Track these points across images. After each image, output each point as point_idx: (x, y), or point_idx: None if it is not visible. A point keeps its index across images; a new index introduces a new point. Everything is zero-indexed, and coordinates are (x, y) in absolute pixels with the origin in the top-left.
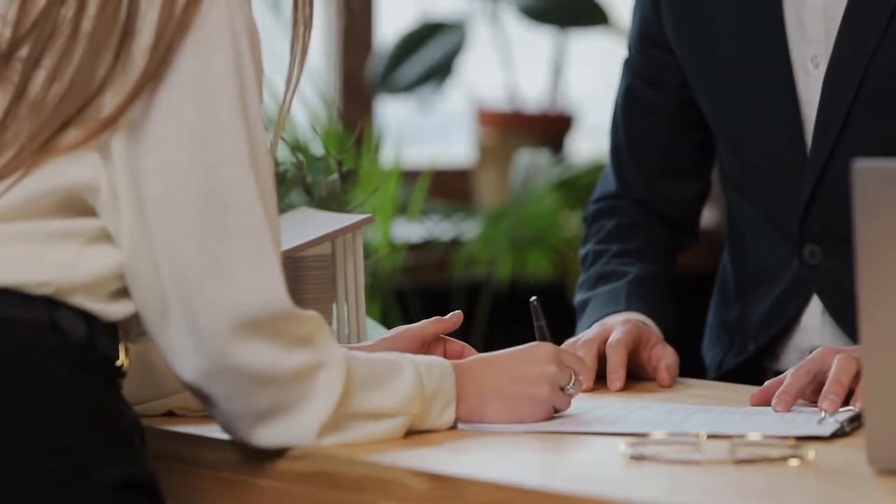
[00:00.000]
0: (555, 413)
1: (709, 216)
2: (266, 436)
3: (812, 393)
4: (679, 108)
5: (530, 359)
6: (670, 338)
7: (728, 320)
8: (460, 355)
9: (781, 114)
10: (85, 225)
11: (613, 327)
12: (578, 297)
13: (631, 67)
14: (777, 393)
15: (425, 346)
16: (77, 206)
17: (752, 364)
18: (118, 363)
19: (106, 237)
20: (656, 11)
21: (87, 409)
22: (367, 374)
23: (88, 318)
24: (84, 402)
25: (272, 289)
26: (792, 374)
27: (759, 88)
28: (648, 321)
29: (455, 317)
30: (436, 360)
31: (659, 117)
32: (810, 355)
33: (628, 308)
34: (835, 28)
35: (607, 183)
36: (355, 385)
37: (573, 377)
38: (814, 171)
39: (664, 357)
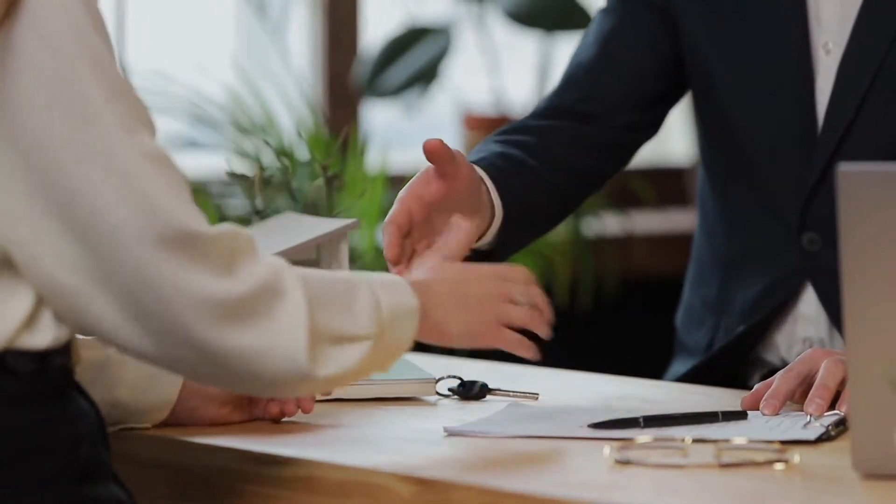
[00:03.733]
0: (508, 332)
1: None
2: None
3: (801, 396)
4: (649, 58)
5: (478, 271)
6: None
7: (708, 299)
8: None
9: (793, 98)
10: None
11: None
12: None
13: (610, 6)
14: (765, 397)
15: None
16: None
17: (743, 350)
18: (71, 363)
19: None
20: None
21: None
22: (324, 294)
23: (37, 353)
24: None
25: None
26: (781, 376)
27: (774, 70)
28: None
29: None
30: (390, 277)
31: (627, 52)
32: (799, 357)
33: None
34: (850, 16)
35: (540, 102)
36: (317, 303)
37: (524, 292)
38: (822, 159)
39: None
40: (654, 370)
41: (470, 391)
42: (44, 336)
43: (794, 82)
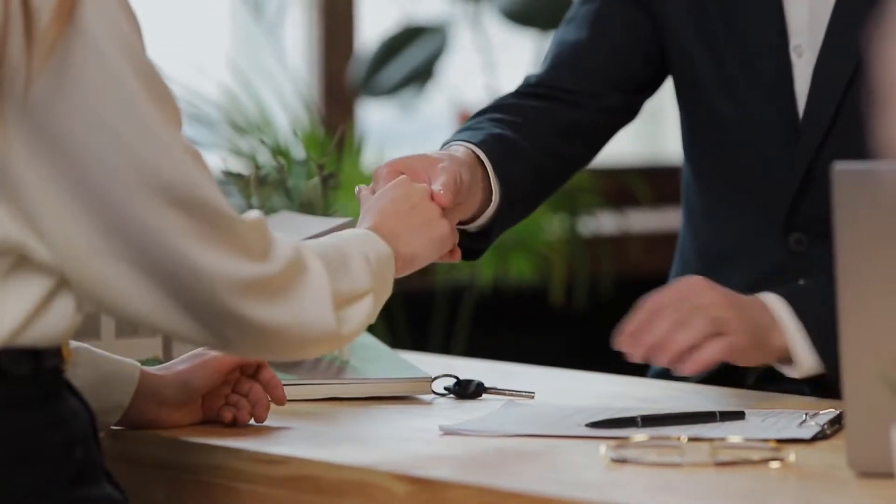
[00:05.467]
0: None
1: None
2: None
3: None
4: (636, 45)
5: (406, 190)
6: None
7: None
8: (269, 381)
9: (774, 100)
10: None
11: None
12: None
13: (597, 22)
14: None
15: (223, 376)
16: None
17: None
18: (62, 364)
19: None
20: None
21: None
22: (330, 261)
23: (32, 353)
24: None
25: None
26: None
27: (754, 73)
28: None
29: None
30: (361, 232)
31: (613, 37)
32: (677, 286)
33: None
34: (821, 19)
35: (524, 80)
36: (331, 271)
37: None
38: (804, 161)
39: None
40: (649, 369)
41: (466, 390)
42: (47, 329)
43: (773, 85)
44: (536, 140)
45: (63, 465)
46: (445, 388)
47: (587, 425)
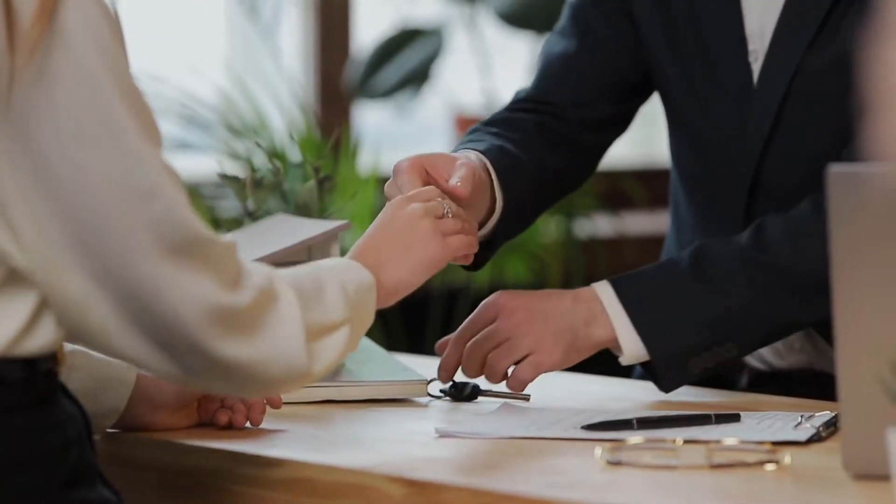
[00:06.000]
0: (455, 234)
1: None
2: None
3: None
4: (624, 50)
5: (396, 212)
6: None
7: None
8: None
9: (736, 106)
10: None
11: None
12: None
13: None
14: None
15: None
16: None
17: None
18: (56, 366)
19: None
20: None
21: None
22: (303, 291)
23: (27, 360)
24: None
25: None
26: (455, 340)
27: (719, 79)
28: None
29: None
30: (342, 260)
31: (604, 41)
32: (481, 308)
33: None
34: (769, 25)
35: (516, 94)
36: (303, 301)
37: (442, 204)
38: (751, 165)
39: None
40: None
41: (462, 392)
42: (39, 341)
43: (733, 90)
44: (532, 154)
45: (58, 467)
46: (441, 391)
47: (583, 427)
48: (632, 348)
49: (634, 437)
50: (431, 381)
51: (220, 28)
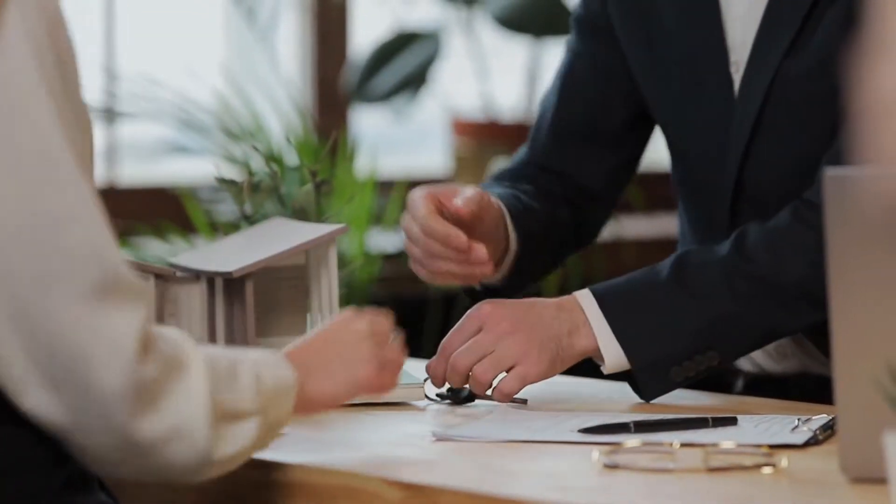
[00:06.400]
0: (390, 367)
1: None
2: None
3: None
4: (609, 86)
5: (341, 326)
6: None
7: None
8: None
9: (716, 118)
10: None
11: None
12: None
13: (574, 51)
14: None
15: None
16: None
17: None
18: None
19: None
20: (602, 2)
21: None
22: (214, 368)
23: None
24: None
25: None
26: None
27: (699, 90)
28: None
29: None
30: (268, 352)
31: (585, 88)
32: (465, 318)
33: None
34: (749, 36)
35: (517, 155)
36: (214, 377)
37: (389, 334)
38: (732, 174)
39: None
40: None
41: (458, 396)
42: None
43: (717, 101)
44: (543, 204)
45: (55, 472)
46: (438, 394)
47: (580, 431)
48: (613, 357)
49: (631, 441)
50: (426, 379)
51: (218, 31)
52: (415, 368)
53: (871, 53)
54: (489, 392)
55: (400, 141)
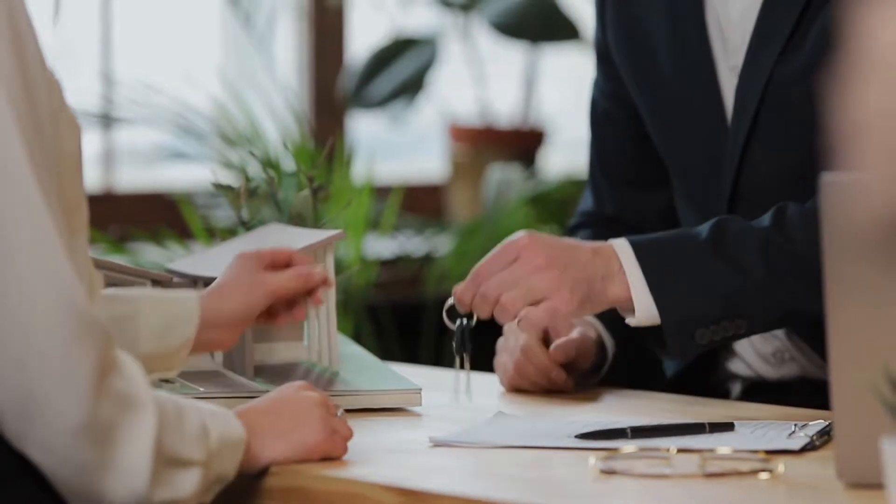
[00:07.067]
0: (340, 435)
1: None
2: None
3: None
4: (636, 119)
5: (293, 392)
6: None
7: None
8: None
9: (710, 124)
10: None
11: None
12: None
13: (594, 82)
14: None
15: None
16: None
17: (707, 363)
18: None
19: None
20: (602, 28)
21: None
22: (165, 410)
23: None
24: None
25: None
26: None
27: (691, 101)
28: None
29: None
30: (216, 407)
31: (618, 128)
32: (503, 247)
33: None
34: (745, 39)
35: (584, 200)
36: (163, 419)
37: (337, 406)
38: (729, 178)
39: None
40: (640, 380)
41: (465, 319)
42: None
43: (708, 110)
44: None
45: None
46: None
47: (577, 436)
48: (644, 310)
49: (628, 446)
50: (450, 306)
51: (215, 37)
52: (412, 374)
53: (852, 72)
54: (516, 322)
55: (397, 146)
